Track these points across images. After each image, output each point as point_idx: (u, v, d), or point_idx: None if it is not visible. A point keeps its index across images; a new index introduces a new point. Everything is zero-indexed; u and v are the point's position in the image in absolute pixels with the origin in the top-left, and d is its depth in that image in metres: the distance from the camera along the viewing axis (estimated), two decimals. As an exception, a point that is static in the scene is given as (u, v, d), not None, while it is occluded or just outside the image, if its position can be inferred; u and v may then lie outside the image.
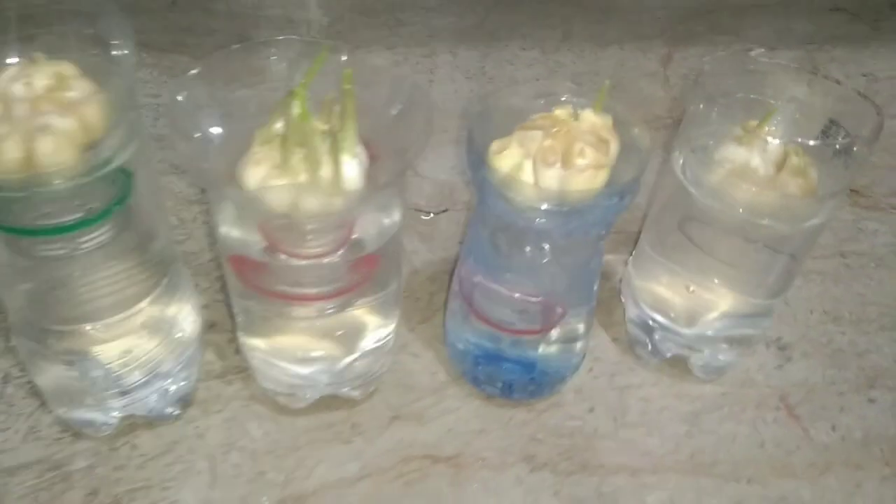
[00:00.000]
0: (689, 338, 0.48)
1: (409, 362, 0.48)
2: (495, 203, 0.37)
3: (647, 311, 0.49)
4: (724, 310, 0.46)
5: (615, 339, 0.51)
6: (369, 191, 0.35)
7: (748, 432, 0.47)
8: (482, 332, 0.44)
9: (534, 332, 0.43)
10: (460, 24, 0.81)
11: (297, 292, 0.39)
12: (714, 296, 0.46)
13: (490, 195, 0.37)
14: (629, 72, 0.77)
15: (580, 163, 0.35)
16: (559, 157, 0.36)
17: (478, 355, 0.46)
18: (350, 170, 0.35)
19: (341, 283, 0.39)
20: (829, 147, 0.41)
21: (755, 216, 0.40)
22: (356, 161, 0.35)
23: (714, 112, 0.41)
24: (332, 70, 0.36)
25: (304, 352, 0.42)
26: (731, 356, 0.49)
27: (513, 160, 0.36)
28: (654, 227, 0.47)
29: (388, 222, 0.39)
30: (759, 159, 0.40)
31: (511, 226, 0.39)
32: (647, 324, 0.49)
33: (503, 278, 0.41)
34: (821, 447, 0.46)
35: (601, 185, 0.36)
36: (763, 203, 0.40)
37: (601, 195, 0.36)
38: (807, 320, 0.54)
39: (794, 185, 0.40)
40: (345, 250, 0.38)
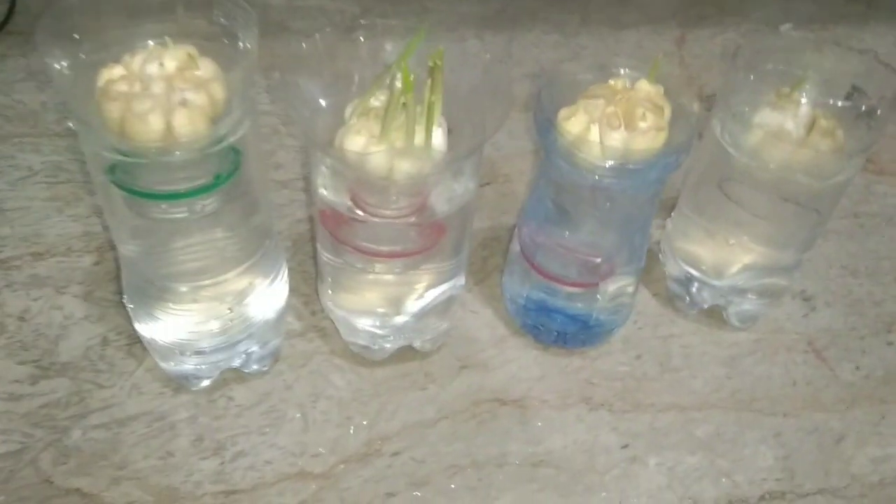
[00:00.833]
0: (724, 290, 0.52)
1: (470, 319, 0.53)
2: (563, 164, 0.42)
3: (685, 267, 0.53)
4: (757, 263, 0.51)
5: (656, 295, 0.56)
6: (454, 157, 0.39)
7: (781, 373, 0.52)
8: (542, 287, 0.49)
9: (591, 286, 0.47)
10: (485, 10, 0.85)
11: (374, 248, 0.43)
12: (748, 250, 0.51)
13: (558, 157, 0.42)
14: (646, 53, 0.82)
15: (642, 125, 0.39)
16: (622, 120, 0.40)
17: (536, 309, 0.50)
18: (437, 138, 0.39)
19: (413, 243, 0.43)
20: (854, 109, 0.45)
21: (789, 173, 0.45)
22: (441, 131, 0.39)
23: (750, 81, 0.46)
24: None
25: (381, 305, 0.46)
26: (762, 306, 0.53)
27: (580, 125, 0.40)
28: (692, 190, 0.52)
29: (459, 193, 0.43)
30: (791, 122, 0.45)
31: (575, 185, 0.43)
32: (686, 278, 0.54)
33: (565, 237, 0.46)
34: (847, 384, 0.51)
35: (661, 145, 0.40)
36: (796, 161, 0.45)
37: (661, 154, 0.40)
38: (827, 274, 0.59)
39: (824, 145, 0.44)
40: (417, 215, 0.42)
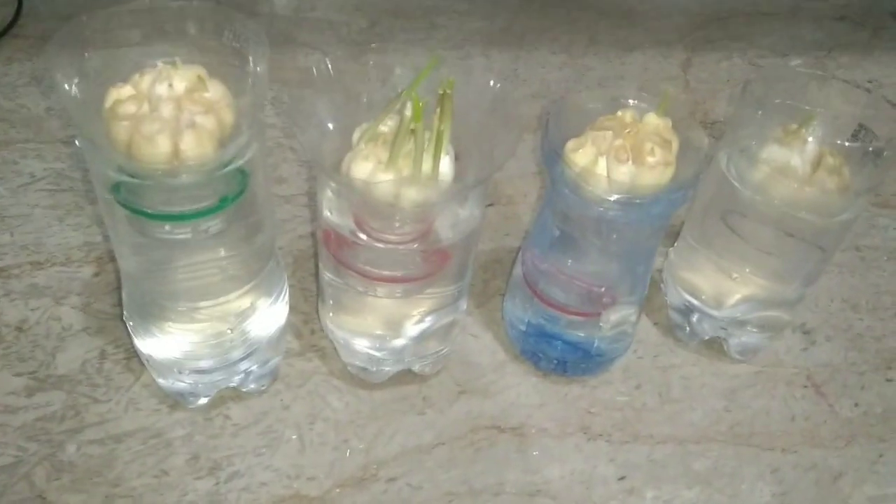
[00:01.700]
0: (725, 322, 0.52)
1: (470, 343, 0.53)
2: (569, 195, 0.42)
3: (686, 296, 0.53)
4: (759, 296, 0.51)
5: (656, 324, 0.56)
6: (461, 187, 0.39)
7: (780, 407, 0.51)
8: (543, 314, 0.49)
9: (593, 315, 0.47)
10: (491, 27, 0.85)
11: (376, 272, 0.43)
12: (751, 283, 0.51)
13: (565, 187, 0.42)
14: (652, 75, 0.82)
15: (650, 160, 0.39)
16: (630, 154, 0.40)
17: (536, 335, 0.50)
18: (445, 166, 0.39)
19: (416, 269, 0.43)
20: (861, 149, 0.45)
21: (795, 210, 0.45)
22: (449, 159, 0.39)
23: (758, 116, 0.46)
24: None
25: (381, 328, 0.46)
26: (762, 339, 0.53)
27: (588, 157, 0.40)
28: (697, 220, 0.52)
29: (465, 219, 0.43)
30: (798, 159, 0.45)
31: (581, 216, 0.43)
32: (686, 308, 0.54)
33: (568, 265, 0.46)
34: (845, 421, 0.51)
35: (668, 181, 0.40)
36: (802, 198, 0.45)
37: (668, 189, 0.40)
38: (828, 307, 0.59)
39: (830, 182, 0.44)
40: (421, 242, 0.42)
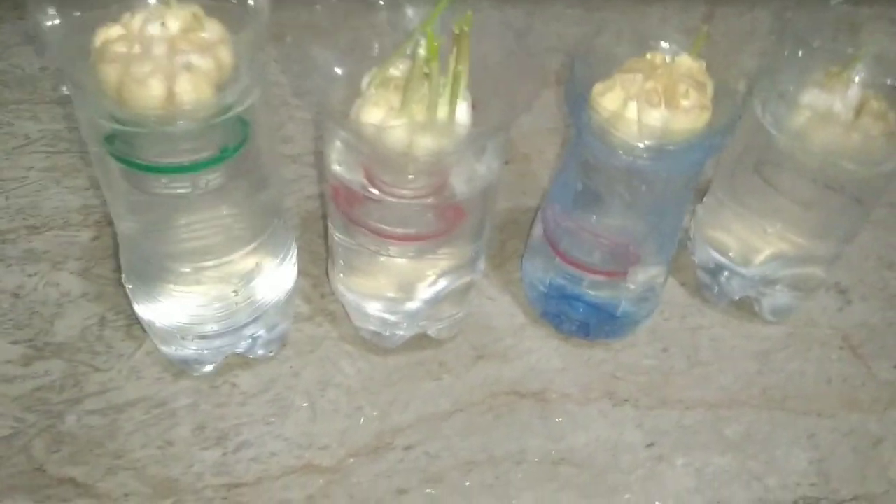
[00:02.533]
0: (755, 280, 0.49)
1: (486, 305, 0.50)
2: (595, 143, 0.39)
3: (716, 255, 0.51)
4: (794, 253, 0.48)
5: (683, 284, 0.53)
6: (479, 135, 0.36)
7: (815, 370, 0.49)
8: (565, 275, 0.46)
9: (619, 274, 0.45)
10: (503, -20, 0.81)
11: (388, 230, 0.40)
12: (785, 239, 0.48)
13: (591, 135, 0.39)
14: (672, 29, 0.78)
15: (685, 103, 0.36)
16: (662, 97, 0.37)
17: (558, 296, 0.47)
18: (462, 113, 0.36)
19: (429, 226, 0.40)
20: (907, 92, 0.42)
21: (835, 158, 0.42)
22: (466, 104, 0.36)
23: (798, 58, 0.43)
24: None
25: (394, 289, 0.43)
26: (795, 299, 0.51)
27: (617, 101, 0.37)
28: (727, 173, 0.49)
29: (481, 174, 0.40)
30: (840, 104, 0.42)
31: (608, 167, 0.40)
32: (716, 267, 0.51)
33: (593, 221, 0.43)
34: (884, 383, 0.49)
35: (704, 125, 0.37)
36: (843, 145, 0.42)
37: (703, 135, 0.37)
38: (863, 266, 0.56)
39: (875, 128, 0.41)
40: (436, 196, 0.39)
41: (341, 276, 0.45)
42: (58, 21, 0.31)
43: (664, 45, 0.41)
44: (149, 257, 0.39)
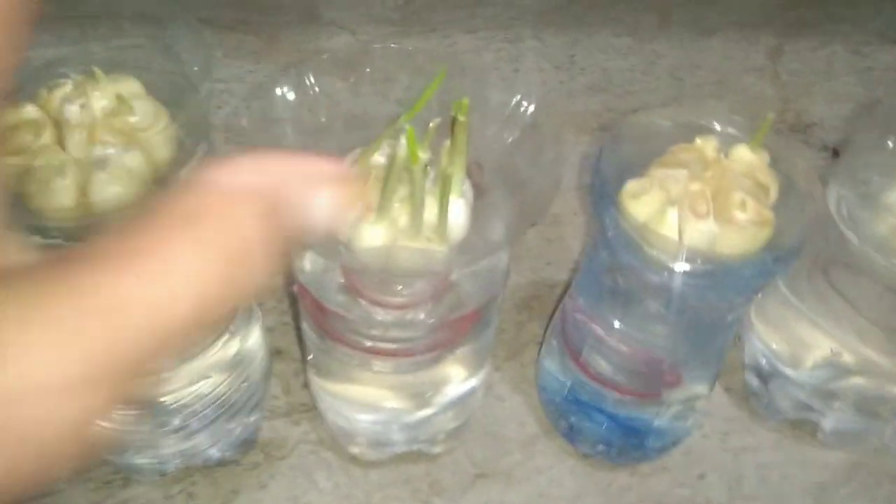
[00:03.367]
0: (815, 396, 0.41)
1: (494, 407, 0.43)
2: (624, 252, 0.31)
3: (769, 359, 0.42)
4: (864, 369, 0.40)
5: (728, 389, 0.45)
6: (480, 254, 0.29)
7: (884, 512, 0.41)
8: (584, 384, 0.39)
9: (647, 395, 0.37)
10: (545, 5, 0.74)
11: (374, 345, 0.33)
12: (855, 354, 0.39)
13: (619, 243, 0.31)
14: (734, 65, 0.69)
15: (740, 216, 0.29)
16: (712, 206, 0.29)
17: (577, 408, 0.40)
18: (457, 214, 0.29)
19: (428, 339, 0.33)
20: None
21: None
22: (463, 202, 0.29)
23: (888, 147, 0.34)
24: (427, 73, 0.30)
25: (378, 403, 0.37)
26: (864, 422, 0.42)
27: (652, 206, 0.30)
28: (794, 266, 0.40)
29: (492, 268, 0.33)
30: (939, 207, 0.34)
31: (642, 279, 0.33)
32: (766, 370, 0.43)
33: (619, 330, 0.35)
34: (971, 535, 0.40)
35: (762, 244, 0.29)
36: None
37: (761, 257, 0.29)
38: (949, 375, 0.47)
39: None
40: (437, 301, 0.32)
41: (311, 371, 0.38)
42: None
43: (718, 127, 0.33)
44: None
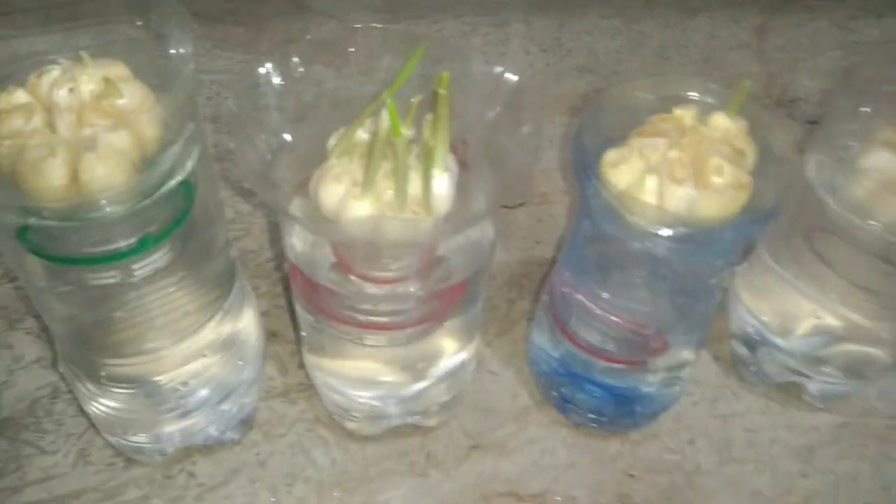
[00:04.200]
0: (804, 362, 0.42)
1: (487, 382, 0.44)
2: (606, 221, 0.32)
3: (755, 326, 0.43)
4: (846, 332, 0.40)
5: (717, 358, 0.46)
6: (466, 219, 0.30)
7: (870, 472, 0.41)
8: (573, 354, 0.39)
9: (634, 363, 0.38)
10: (533, -12, 0.74)
11: (367, 319, 0.34)
12: (836, 315, 0.40)
13: (600, 212, 0.32)
14: (720, 43, 0.70)
15: (717, 181, 0.29)
16: (689, 172, 0.30)
17: (567, 379, 0.41)
18: (441, 187, 0.30)
19: (419, 312, 0.34)
20: None
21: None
22: (447, 176, 0.30)
23: (862, 112, 0.35)
24: (423, 59, 0.30)
25: (372, 378, 0.38)
26: (850, 383, 0.43)
27: (632, 175, 0.31)
28: (775, 234, 0.41)
29: (478, 242, 0.34)
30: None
31: (624, 247, 0.33)
32: (754, 338, 0.43)
33: (604, 299, 0.36)
34: (956, 491, 0.41)
35: (740, 208, 0.30)
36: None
37: (739, 220, 0.30)
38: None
39: (957, 201, 0.34)
40: (425, 275, 0.33)
41: (305, 350, 0.39)
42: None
43: (696, 96, 0.34)
44: (83, 350, 0.34)
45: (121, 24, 0.29)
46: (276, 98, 0.32)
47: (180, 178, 0.28)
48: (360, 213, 0.29)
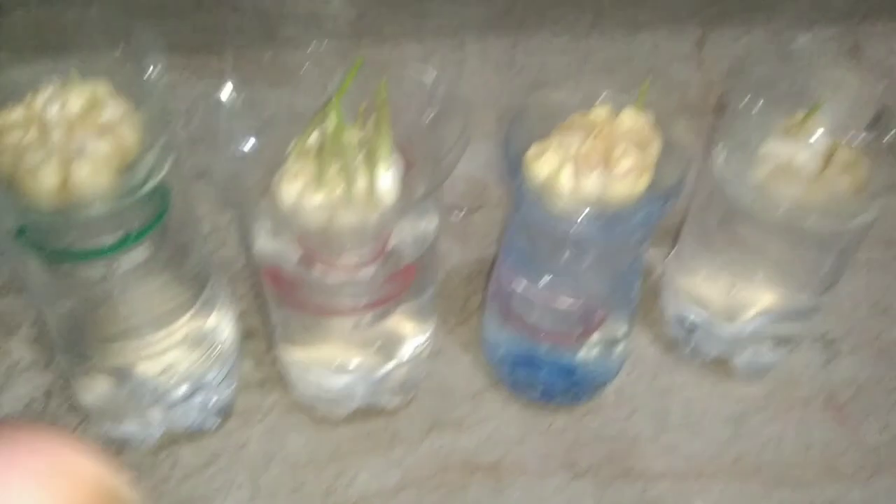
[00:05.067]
0: (732, 337, 0.47)
1: (445, 367, 0.48)
2: (533, 210, 0.37)
3: (688, 308, 0.48)
4: (769, 308, 0.45)
5: (655, 338, 0.50)
6: (406, 204, 0.35)
7: (794, 434, 0.46)
8: (520, 337, 0.44)
9: (572, 338, 0.42)
10: (489, 13, 0.79)
11: (334, 305, 0.39)
12: (759, 294, 0.45)
13: (527, 202, 0.37)
14: (663, 56, 0.75)
15: (622, 166, 0.34)
16: (600, 160, 0.35)
17: (515, 360, 0.45)
18: (385, 182, 0.34)
19: (378, 294, 0.38)
20: (880, 139, 0.39)
21: (801, 215, 0.39)
22: (391, 172, 0.34)
23: (758, 105, 0.40)
24: (368, 73, 0.35)
25: (341, 362, 0.42)
26: (775, 355, 0.47)
27: (551, 165, 0.35)
28: (696, 222, 0.46)
29: (425, 230, 0.38)
30: (804, 155, 0.39)
31: (549, 231, 0.38)
32: (688, 322, 0.48)
33: (541, 282, 0.40)
34: (870, 448, 0.45)
35: (643, 189, 0.34)
36: (809, 201, 0.39)
37: (643, 200, 0.35)
38: (854, 314, 0.52)
39: (843, 181, 0.38)
40: (381, 261, 0.38)
41: (280, 345, 0.43)
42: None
43: (613, 97, 0.39)
44: (76, 338, 0.38)
45: (104, 51, 0.33)
46: (240, 113, 0.36)
47: (157, 180, 0.33)
48: (314, 205, 0.33)
